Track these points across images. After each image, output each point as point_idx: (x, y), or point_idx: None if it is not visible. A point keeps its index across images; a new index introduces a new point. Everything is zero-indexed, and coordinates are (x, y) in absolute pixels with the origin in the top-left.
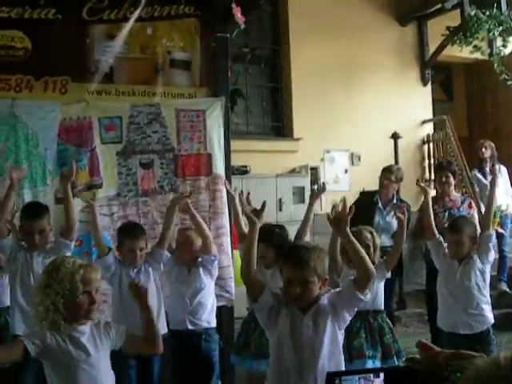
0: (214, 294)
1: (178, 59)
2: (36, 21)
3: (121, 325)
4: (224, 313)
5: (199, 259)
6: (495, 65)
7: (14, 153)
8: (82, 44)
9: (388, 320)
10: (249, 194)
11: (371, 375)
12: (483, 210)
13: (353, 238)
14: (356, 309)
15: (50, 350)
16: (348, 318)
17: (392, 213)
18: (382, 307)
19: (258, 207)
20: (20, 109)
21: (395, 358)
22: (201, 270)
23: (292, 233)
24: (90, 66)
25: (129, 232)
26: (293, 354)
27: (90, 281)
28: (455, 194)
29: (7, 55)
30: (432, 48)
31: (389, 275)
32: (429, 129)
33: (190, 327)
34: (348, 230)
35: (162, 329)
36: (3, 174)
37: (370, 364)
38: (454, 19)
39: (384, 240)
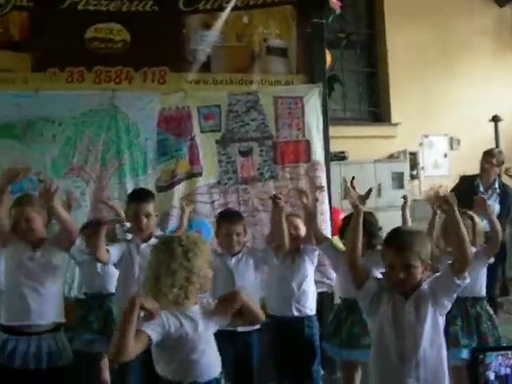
0: (313, 280)
1: (275, 46)
2: (133, 13)
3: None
4: (325, 299)
5: (301, 247)
6: None
7: (115, 143)
8: (179, 34)
9: (488, 307)
10: (353, 178)
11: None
12: None
13: (459, 218)
14: (455, 295)
15: (169, 332)
16: (447, 303)
17: (494, 197)
18: (483, 294)
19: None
20: (120, 100)
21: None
22: (306, 258)
23: (392, 219)
24: (187, 55)
25: (226, 217)
26: (394, 339)
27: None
28: None
29: (106, 48)
30: None
31: (491, 261)
32: None
33: (295, 314)
34: (456, 207)
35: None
36: (105, 165)
37: (464, 354)
38: None
39: (486, 225)
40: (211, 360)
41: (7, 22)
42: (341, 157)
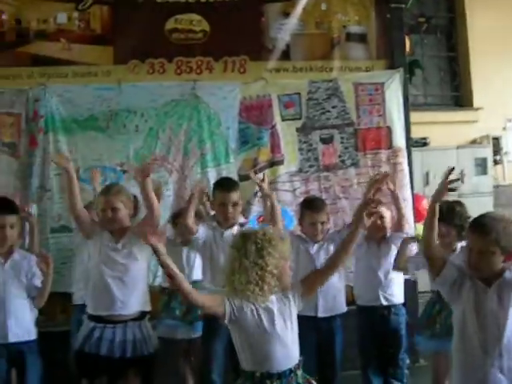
0: None
1: (354, 33)
2: (212, 3)
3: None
4: (408, 287)
5: (387, 235)
6: None
7: (197, 133)
8: (259, 23)
9: None
10: (452, 169)
11: None
12: None
13: None
14: None
15: (246, 318)
16: None
17: None
18: None
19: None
20: (201, 90)
21: None
22: (392, 246)
23: (476, 206)
24: (267, 44)
25: (311, 206)
26: (476, 327)
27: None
28: None
29: (187, 38)
30: None
31: None
32: None
33: (383, 303)
34: None
35: None
36: (188, 155)
37: None
38: None
39: None
40: (287, 351)
41: (88, 17)
42: (422, 143)
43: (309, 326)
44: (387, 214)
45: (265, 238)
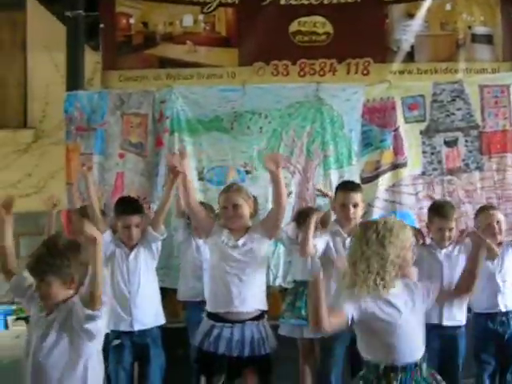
0: None
1: (480, 34)
2: (336, 5)
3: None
4: None
5: (504, 241)
6: None
7: (320, 135)
8: (382, 25)
9: None
10: None
11: None
12: None
13: None
14: None
15: (369, 315)
16: None
17: None
18: None
19: None
20: (324, 92)
21: None
22: (510, 251)
23: None
24: (391, 46)
25: (440, 211)
26: None
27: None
28: None
29: (310, 41)
30: None
31: None
32: None
33: (502, 309)
34: None
35: None
36: (310, 156)
37: None
38: None
39: None
40: (412, 344)
41: (213, 19)
42: None
43: (433, 332)
44: (501, 217)
45: (385, 226)
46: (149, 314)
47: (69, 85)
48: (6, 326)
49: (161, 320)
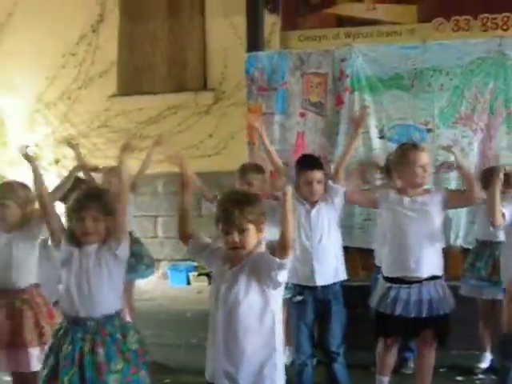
0: None
1: None
2: None
3: None
4: None
5: None
6: None
7: (503, 92)
8: None
9: None
10: None
11: None
12: None
13: None
14: None
15: None
16: None
17: None
18: None
19: None
20: (508, 47)
21: None
22: None
23: None
24: None
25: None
26: None
27: None
28: None
29: None
30: None
31: None
32: None
33: None
34: None
35: None
36: (493, 114)
37: None
38: None
39: None
40: None
41: None
42: None
43: None
44: None
45: None
46: (330, 269)
47: (249, 46)
48: (189, 282)
49: (342, 275)
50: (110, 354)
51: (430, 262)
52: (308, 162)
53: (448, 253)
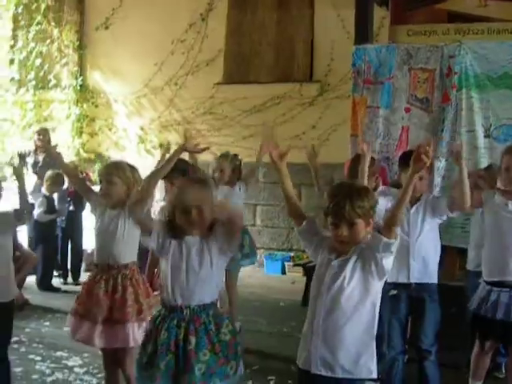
0: None
1: None
2: None
3: None
4: None
5: None
6: None
7: None
8: None
9: None
10: None
11: None
12: None
13: None
14: None
15: None
16: None
17: None
18: None
19: None
20: None
21: None
22: None
23: None
24: None
25: None
26: None
27: None
28: None
29: None
30: None
31: None
32: None
33: None
34: None
35: None
36: None
37: None
38: None
39: None
40: None
41: None
42: None
43: None
44: None
45: None
46: (425, 268)
47: (357, 39)
48: (284, 272)
49: (435, 278)
50: (201, 343)
51: None
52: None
53: None
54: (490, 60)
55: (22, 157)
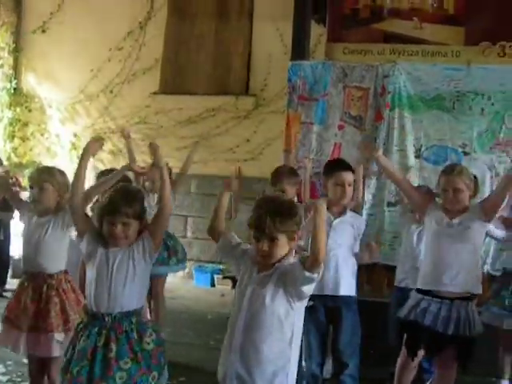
0: None
1: None
2: None
3: None
4: None
5: None
6: None
7: None
8: None
9: None
10: None
11: None
12: None
13: None
14: None
15: None
16: None
17: None
18: None
19: None
20: None
21: None
22: None
23: None
24: None
25: None
26: None
27: None
28: None
29: None
30: None
31: None
32: None
33: None
34: None
35: None
36: None
37: None
38: None
39: None
40: None
41: None
42: None
43: None
44: None
45: None
46: (339, 280)
47: (293, 55)
48: (213, 284)
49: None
50: (122, 351)
51: (465, 279)
52: (338, 164)
53: None
54: (423, 81)
55: None
